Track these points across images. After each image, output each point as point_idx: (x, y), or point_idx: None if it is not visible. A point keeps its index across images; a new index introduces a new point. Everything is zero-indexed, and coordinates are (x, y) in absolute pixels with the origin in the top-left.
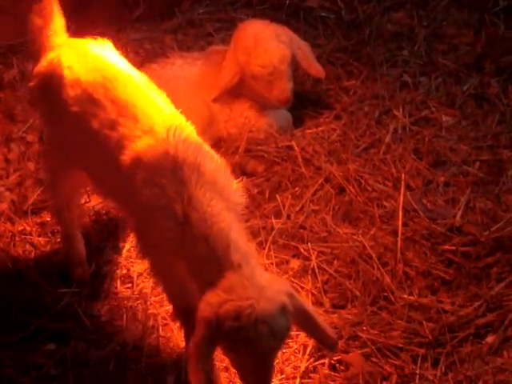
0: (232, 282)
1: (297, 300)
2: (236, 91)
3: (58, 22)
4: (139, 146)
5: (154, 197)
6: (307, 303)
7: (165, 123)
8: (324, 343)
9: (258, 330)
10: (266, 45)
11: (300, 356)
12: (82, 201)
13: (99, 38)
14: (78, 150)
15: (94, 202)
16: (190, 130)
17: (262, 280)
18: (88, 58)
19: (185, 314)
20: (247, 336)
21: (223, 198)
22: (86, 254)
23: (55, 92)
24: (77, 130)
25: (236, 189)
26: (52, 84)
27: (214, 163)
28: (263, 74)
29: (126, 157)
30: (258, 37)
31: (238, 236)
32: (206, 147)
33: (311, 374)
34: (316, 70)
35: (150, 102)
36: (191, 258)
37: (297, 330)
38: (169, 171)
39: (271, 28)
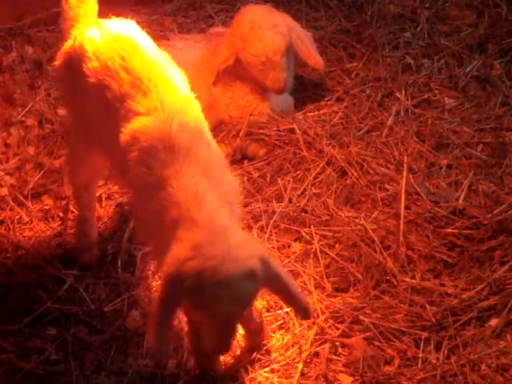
0: (199, 239)
1: (270, 266)
2: (237, 74)
3: (90, 4)
4: (139, 123)
5: (143, 176)
6: (282, 269)
7: (171, 105)
8: (297, 311)
9: (218, 293)
10: (261, 34)
11: (303, 341)
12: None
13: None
14: (95, 125)
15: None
16: (195, 115)
17: (234, 240)
18: (110, 32)
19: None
20: (207, 298)
21: (212, 185)
22: None
23: (77, 67)
24: (94, 103)
25: (230, 180)
26: (74, 59)
27: (210, 152)
28: (256, 62)
29: (126, 132)
30: (255, 25)
31: (217, 203)
32: (206, 136)
33: (314, 359)
34: (315, 60)
35: (165, 80)
36: (162, 228)
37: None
38: (160, 153)
39: (270, 16)
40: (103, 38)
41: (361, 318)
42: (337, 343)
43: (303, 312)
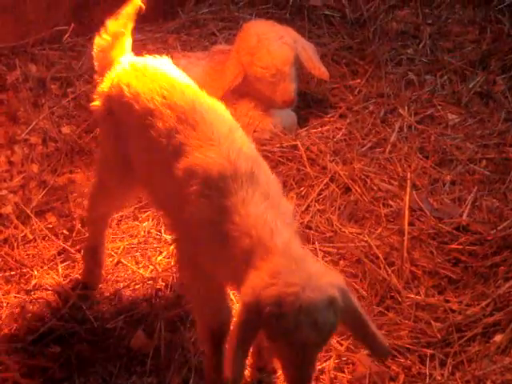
0: (278, 266)
1: (349, 298)
2: (241, 91)
3: (124, 40)
4: (195, 156)
5: (204, 209)
6: (359, 303)
7: (223, 134)
8: (374, 351)
9: (299, 320)
10: (269, 46)
11: None
12: None
13: (157, 56)
14: (139, 166)
15: None
16: (247, 142)
17: (313, 268)
18: (145, 72)
19: (216, 336)
20: (287, 325)
21: (276, 211)
22: None
23: (117, 110)
24: (137, 143)
25: (286, 204)
26: (114, 103)
27: (268, 177)
28: (266, 75)
29: (181, 166)
30: (262, 38)
31: (287, 230)
32: (261, 161)
33: (319, 376)
34: (320, 71)
35: (209, 110)
36: (232, 258)
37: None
38: (223, 183)
39: (275, 29)
40: (140, 80)
41: None
42: (342, 359)
43: (382, 351)
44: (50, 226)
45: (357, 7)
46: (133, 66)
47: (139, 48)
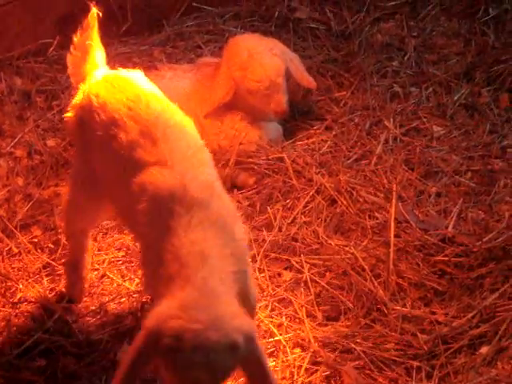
0: (189, 300)
1: (254, 347)
2: (227, 104)
3: (96, 54)
4: (150, 173)
5: (151, 227)
6: (265, 355)
7: (182, 154)
8: None
9: (193, 359)
10: (260, 60)
11: (295, 375)
12: None
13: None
14: (105, 177)
15: None
16: (207, 165)
17: (225, 309)
18: (114, 83)
19: None
20: (181, 361)
21: (220, 242)
22: None
23: (86, 121)
24: (102, 154)
25: (239, 238)
26: (84, 114)
27: (222, 205)
28: (260, 88)
29: (137, 181)
30: (252, 52)
31: (221, 268)
32: (218, 187)
33: None
34: (308, 81)
35: (174, 126)
36: (160, 279)
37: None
38: (171, 204)
39: (264, 42)
40: (109, 90)
41: (352, 347)
42: (328, 373)
43: None
44: (35, 239)
45: (342, 20)
46: (104, 78)
47: (124, 61)
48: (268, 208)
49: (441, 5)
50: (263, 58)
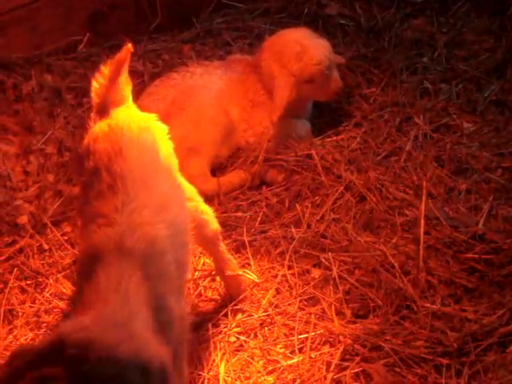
0: (103, 315)
1: (166, 378)
2: (255, 100)
3: (122, 90)
4: (96, 233)
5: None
6: None
7: (132, 209)
8: None
9: (101, 370)
10: (312, 44)
11: (324, 371)
12: None
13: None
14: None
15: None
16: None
17: (143, 332)
18: (112, 131)
19: None
20: (87, 371)
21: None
22: None
23: (82, 163)
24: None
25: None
26: (83, 156)
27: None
28: (322, 70)
29: (86, 241)
30: (301, 41)
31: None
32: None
33: None
34: (338, 58)
35: (140, 182)
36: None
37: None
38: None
39: (300, 30)
40: (105, 137)
41: (381, 345)
42: (358, 370)
43: None
44: (66, 236)
45: (372, 16)
46: (112, 122)
47: (154, 58)
48: (297, 205)
49: (471, 1)
50: (313, 42)
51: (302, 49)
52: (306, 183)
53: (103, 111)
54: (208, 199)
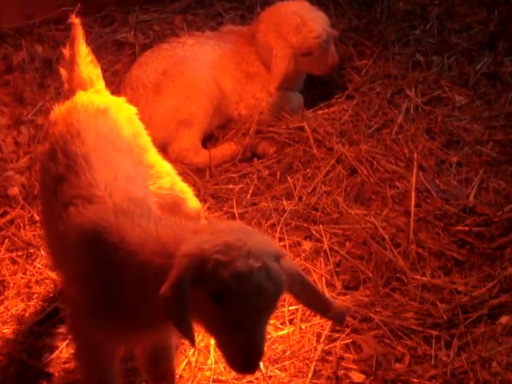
0: (218, 227)
1: (291, 262)
2: (249, 72)
3: (84, 70)
4: (78, 211)
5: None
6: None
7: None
8: (331, 315)
9: (249, 264)
10: (311, 17)
11: (314, 342)
12: None
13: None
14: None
15: None
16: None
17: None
18: (69, 114)
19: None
20: (237, 270)
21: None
22: None
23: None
24: (40, 187)
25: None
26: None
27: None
28: (320, 44)
29: (71, 222)
30: (301, 13)
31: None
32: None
33: (325, 357)
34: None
35: (103, 160)
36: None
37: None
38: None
39: (299, 2)
40: (63, 119)
41: (371, 316)
42: (348, 341)
43: (339, 315)
44: None
45: None
46: (68, 105)
47: (145, 29)
48: (288, 177)
49: None
50: (312, 15)
51: (301, 21)
52: (298, 156)
53: (70, 95)
54: (199, 171)
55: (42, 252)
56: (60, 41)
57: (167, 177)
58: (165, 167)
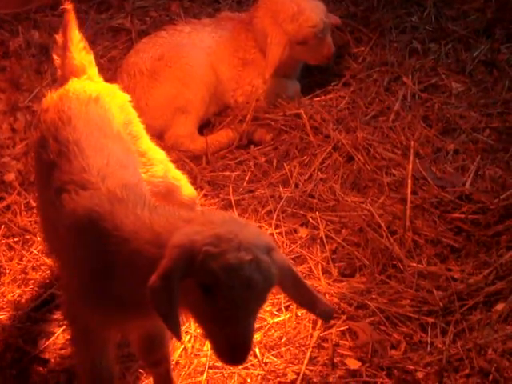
0: (210, 217)
1: (282, 256)
2: (246, 59)
3: (77, 57)
4: (72, 197)
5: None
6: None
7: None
8: (319, 311)
9: (240, 257)
10: (309, 6)
11: (310, 329)
12: None
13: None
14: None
15: None
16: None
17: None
18: (61, 101)
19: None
20: (227, 264)
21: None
22: None
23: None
24: (35, 174)
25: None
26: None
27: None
28: (315, 33)
29: (65, 208)
30: (298, 1)
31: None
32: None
33: (321, 343)
34: (334, 19)
35: (95, 146)
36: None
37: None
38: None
39: None
40: (54, 107)
41: (367, 303)
42: (344, 328)
43: (327, 312)
44: None
45: None
46: (60, 92)
47: (142, 15)
48: (285, 164)
49: None
50: (309, 4)
51: (298, 10)
52: (294, 143)
53: (63, 82)
54: (196, 158)
55: (39, 238)
56: (56, 26)
57: (160, 164)
58: (158, 155)
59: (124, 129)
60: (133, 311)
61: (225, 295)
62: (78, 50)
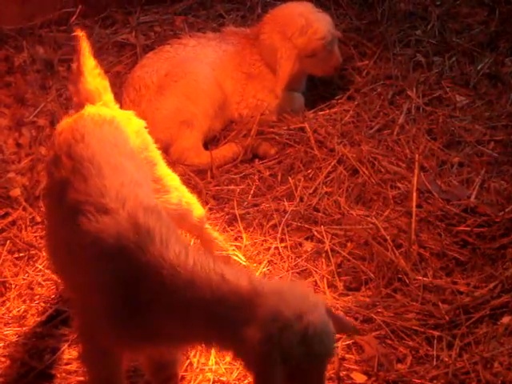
0: (272, 306)
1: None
2: (250, 73)
3: (91, 84)
4: (91, 221)
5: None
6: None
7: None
8: (344, 330)
9: (323, 343)
10: (316, 19)
11: None
12: None
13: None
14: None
15: None
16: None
17: (293, 290)
18: (75, 122)
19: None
20: (311, 348)
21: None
22: None
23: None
24: (46, 192)
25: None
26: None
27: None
28: (324, 45)
29: (81, 229)
30: (306, 15)
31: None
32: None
33: None
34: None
35: (111, 164)
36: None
37: None
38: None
39: (304, 4)
40: (68, 129)
41: (373, 317)
42: (349, 342)
43: (352, 330)
44: None
45: None
46: (75, 117)
47: (146, 30)
48: (289, 178)
49: None
50: (317, 16)
51: (306, 22)
52: (299, 156)
53: (78, 109)
54: (201, 172)
55: (44, 253)
56: (61, 42)
57: (175, 191)
58: (173, 181)
59: (139, 153)
60: (163, 341)
61: (305, 374)
62: (93, 76)
